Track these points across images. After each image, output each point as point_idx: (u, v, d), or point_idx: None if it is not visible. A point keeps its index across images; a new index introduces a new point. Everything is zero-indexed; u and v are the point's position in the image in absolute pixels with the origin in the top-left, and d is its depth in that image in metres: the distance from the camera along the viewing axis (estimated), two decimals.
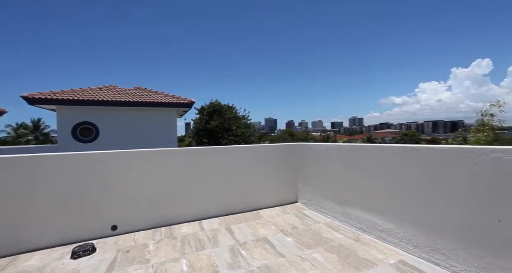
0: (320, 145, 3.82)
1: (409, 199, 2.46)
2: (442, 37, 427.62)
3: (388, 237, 2.67)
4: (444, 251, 2.16)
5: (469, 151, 1.99)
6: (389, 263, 2.30)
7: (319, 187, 3.82)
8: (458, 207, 2.06)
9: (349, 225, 3.20)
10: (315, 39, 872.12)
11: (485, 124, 9.63)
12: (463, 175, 2.02)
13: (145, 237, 3.03)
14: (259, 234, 3.07)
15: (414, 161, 2.42)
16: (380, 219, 2.78)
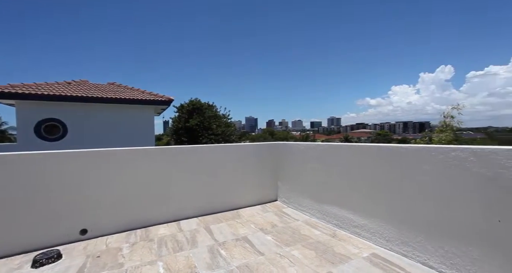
0: (299, 144, 3.89)
1: (381, 195, 2.60)
2: (411, 41, 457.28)
3: (362, 232, 2.80)
4: (411, 243, 2.31)
5: (434, 150, 2.14)
6: (363, 257, 2.42)
7: (298, 185, 3.89)
8: (425, 202, 2.21)
9: (326, 222, 3.30)
10: (294, 40, 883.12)
11: (447, 125, 10.55)
12: (429, 172, 2.17)
13: (119, 241, 2.88)
14: (239, 233, 3.06)
15: (386, 160, 2.55)
16: (355, 215, 2.90)
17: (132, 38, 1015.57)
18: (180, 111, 15.26)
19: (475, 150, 1.88)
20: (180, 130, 14.64)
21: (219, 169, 3.90)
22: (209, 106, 15.70)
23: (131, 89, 10.93)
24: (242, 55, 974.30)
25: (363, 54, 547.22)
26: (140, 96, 9.87)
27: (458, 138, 11.13)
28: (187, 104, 15.27)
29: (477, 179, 1.87)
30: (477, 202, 1.87)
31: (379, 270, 2.17)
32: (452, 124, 10.52)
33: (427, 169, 2.19)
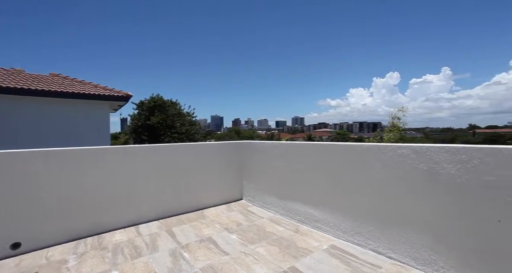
0: (264, 143, 3.96)
1: (339, 190, 2.79)
2: (368, 44, 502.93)
3: (323, 226, 2.97)
4: (364, 233, 2.53)
5: (383, 148, 2.37)
6: (323, 249, 2.57)
7: (263, 183, 3.96)
8: (376, 195, 2.44)
9: (290, 218, 3.42)
10: (259, 40, 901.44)
11: (394, 126, 11.92)
12: (380, 168, 2.40)
13: (64, 252, 2.58)
14: (203, 234, 2.99)
15: (343, 157, 2.74)
16: (316, 210, 3.06)
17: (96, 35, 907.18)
18: (140, 108, 14.27)
19: (415, 147, 2.14)
20: (140, 128, 13.69)
21: (182, 169, 3.75)
22: (172, 103, 14.99)
23: (80, 82, 9.80)
24: (208, 54, 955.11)
25: (326, 56, 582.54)
26: (91, 90, 8.93)
27: (403, 137, 12.66)
28: (147, 101, 14.34)
29: (417, 173, 2.12)
30: (416, 193, 2.13)
31: (337, 260, 2.33)
32: (398, 125, 11.95)
33: (378, 165, 2.41)
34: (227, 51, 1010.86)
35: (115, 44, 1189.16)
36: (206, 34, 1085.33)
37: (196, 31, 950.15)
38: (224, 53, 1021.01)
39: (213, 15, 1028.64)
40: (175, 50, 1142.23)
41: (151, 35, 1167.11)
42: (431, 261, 2.04)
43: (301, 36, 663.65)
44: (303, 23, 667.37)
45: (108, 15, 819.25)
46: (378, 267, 2.19)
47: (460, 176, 1.88)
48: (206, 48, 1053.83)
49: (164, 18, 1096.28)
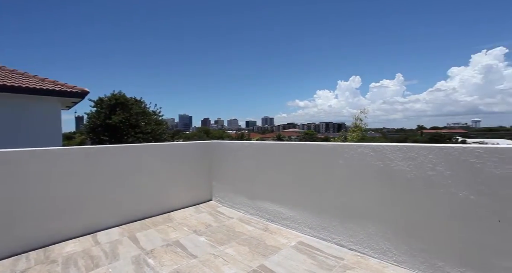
0: (233, 143, 3.94)
1: (307, 188, 2.90)
2: (333, 48, 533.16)
3: (291, 224, 3.06)
4: (329, 228, 2.68)
5: (346, 147, 2.53)
6: (291, 246, 2.64)
7: (232, 183, 3.94)
8: (340, 191, 2.59)
9: (259, 217, 3.46)
10: (232, 40, 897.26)
11: (357, 126, 12.90)
12: (343, 166, 2.55)
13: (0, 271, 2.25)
14: (170, 238, 2.87)
15: (310, 156, 2.86)
16: (284, 208, 3.14)
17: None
18: (98, 106, 13.09)
19: (373, 146, 2.33)
20: (99, 128, 12.58)
21: (148, 170, 3.55)
22: (136, 101, 14.05)
23: (23, 74, 8.62)
24: (178, 54, 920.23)
25: (295, 57, 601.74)
26: (38, 84, 7.91)
27: (364, 137, 13.73)
28: (108, 98, 13.22)
29: (374, 170, 2.31)
30: (373, 188, 2.32)
31: (304, 255, 2.43)
32: (360, 126, 12.98)
33: (341, 163, 2.56)
34: (197, 49, 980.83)
35: (83, 45, 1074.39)
36: (180, 33, 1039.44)
37: (166, 29, 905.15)
38: (194, 52, 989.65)
39: (187, 14, 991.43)
40: (139, 50, 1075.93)
41: (113, 34, 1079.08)
42: (386, 250, 2.24)
43: (270, 38, 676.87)
44: (271, 26, 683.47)
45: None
46: (341, 259, 2.34)
47: (410, 172, 2.09)
48: (176, 47, 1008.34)
49: (118, 15, 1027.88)
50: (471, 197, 1.80)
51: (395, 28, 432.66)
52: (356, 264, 2.24)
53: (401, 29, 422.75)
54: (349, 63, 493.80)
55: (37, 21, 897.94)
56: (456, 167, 1.86)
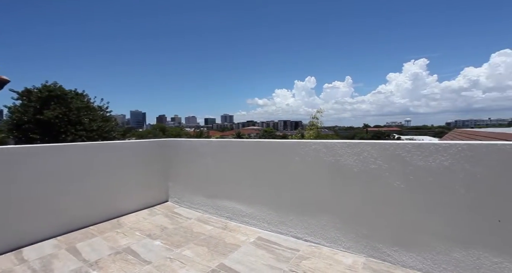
0: (191, 141, 3.80)
1: (265, 184, 2.97)
2: (290, 48, 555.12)
3: (250, 220, 3.11)
4: (286, 222, 2.80)
5: (302, 144, 2.67)
6: (250, 242, 2.68)
7: (191, 183, 3.80)
8: (295, 186, 2.72)
9: (218, 216, 3.42)
10: (193, 40, 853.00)
11: (313, 125, 13.79)
12: (299, 162, 2.69)
13: None
14: (120, 245, 2.63)
15: (268, 153, 2.94)
16: (243, 205, 3.17)
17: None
18: (26, 99, 11.08)
19: (325, 143, 2.51)
20: (27, 124, 10.69)
21: (93, 172, 3.17)
22: (77, 94, 12.35)
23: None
24: (129, 46, 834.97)
25: (255, 56, 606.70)
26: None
27: (319, 135, 14.73)
28: (38, 90, 11.26)
29: (327, 165, 2.49)
30: (325, 182, 2.51)
31: (263, 250, 2.49)
32: (316, 124, 13.92)
33: (297, 159, 2.70)
34: (151, 43, 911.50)
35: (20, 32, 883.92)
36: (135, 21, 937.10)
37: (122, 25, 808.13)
38: (148, 45, 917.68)
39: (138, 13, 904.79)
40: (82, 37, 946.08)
41: (55, 19, 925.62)
42: (336, 239, 2.45)
43: (233, 38, 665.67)
44: (230, 28, 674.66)
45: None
46: (297, 250, 2.47)
47: (356, 166, 2.32)
48: (128, 39, 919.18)
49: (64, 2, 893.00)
50: (402, 186, 2.09)
51: (344, 32, 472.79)
52: (310, 254, 2.40)
53: (349, 33, 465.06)
54: (305, 64, 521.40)
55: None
56: (391, 161, 2.14)
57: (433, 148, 1.97)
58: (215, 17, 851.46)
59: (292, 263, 2.24)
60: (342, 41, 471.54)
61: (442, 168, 1.92)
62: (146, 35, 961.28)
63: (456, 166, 1.87)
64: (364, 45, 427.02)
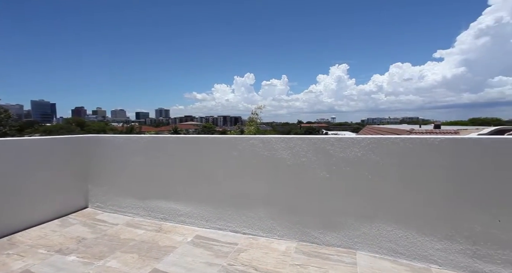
0: (117, 137, 3.34)
1: (202, 181, 2.88)
2: (230, 43, 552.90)
3: (187, 219, 2.97)
4: (225, 218, 2.80)
5: (239, 139, 2.70)
6: (187, 242, 2.57)
7: (118, 185, 3.35)
8: (234, 182, 2.74)
9: (152, 218, 3.14)
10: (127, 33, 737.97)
11: (252, 121, 14.19)
12: (237, 157, 2.71)
13: None
14: (13, 270, 2.09)
15: (206, 149, 2.86)
16: (180, 204, 3.00)
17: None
18: None
19: (262, 138, 2.61)
20: None
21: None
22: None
23: None
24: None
25: (193, 49, 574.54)
26: None
27: (259, 130, 15.26)
28: None
29: (263, 159, 2.60)
30: (262, 175, 2.62)
31: (200, 249, 2.42)
32: (256, 119, 14.36)
33: (235, 154, 2.71)
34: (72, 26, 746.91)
35: None
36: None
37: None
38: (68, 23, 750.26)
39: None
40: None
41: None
42: (272, 228, 2.60)
43: (171, 32, 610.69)
44: (167, 22, 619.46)
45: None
46: (235, 244, 2.50)
47: (289, 159, 2.50)
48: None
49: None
50: (327, 176, 2.37)
51: (280, 32, 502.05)
52: (248, 246, 2.47)
53: (285, 32, 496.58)
54: (244, 60, 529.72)
55: None
56: (318, 153, 2.39)
57: (350, 141, 2.29)
58: (154, 8, 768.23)
59: (231, 257, 2.26)
60: (278, 41, 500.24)
61: (356, 158, 2.26)
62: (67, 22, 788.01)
63: (365, 156, 2.23)
64: (298, 46, 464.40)
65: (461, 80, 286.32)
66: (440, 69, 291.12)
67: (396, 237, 2.16)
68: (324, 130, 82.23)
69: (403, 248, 2.14)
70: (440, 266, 2.03)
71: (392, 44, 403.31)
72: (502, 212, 1.86)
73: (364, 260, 2.16)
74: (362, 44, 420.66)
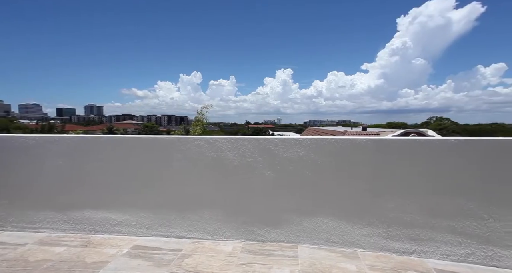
0: (29, 138, 2.74)
1: (143, 185, 2.63)
2: (178, 40, 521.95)
3: (123, 229, 2.66)
4: (167, 223, 2.61)
5: (184, 140, 2.57)
6: (122, 254, 2.30)
7: (28, 195, 2.75)
8: (178, 184, 2.59)
9: (77, 231, 2.69)
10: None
11: (199, 121, 13.72)
12: (181, 158, 2.57)
13: None
14: None
15: (146, 150, 2.62)
16: (114, 213, 2.66)
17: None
18: None
19: (207, 139, 2.54)
20: None
21: None
22: None
23: None
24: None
25: (135, 42, 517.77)
26: None
27: (206, 131, 14.83)
28: None
29: (209, 160, 2.53)
30: (207, 176, 2.55)
31: (139, 260, 2.20)
32: (202, 120, 13.90)
33: (180, 156, 2.57)
34: None
35: None
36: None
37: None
38: None
39: None
40: None
41: None
42: (218, 230, 2.56)
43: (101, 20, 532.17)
44: (100, 10, 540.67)
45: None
46: (179, 250, 2.37)
47: (236, 159, 2.50)
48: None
49: None
50: (272, 175, 2.47)
51: (229, 29, 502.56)
52: (193, 251, 2.37)
53: (235, 33, 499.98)
54: (191, 58, 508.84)
55: None
56: (264, 153, 2.47)
57: (293, 142, 2.44)
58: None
59: (174, 265, 2.13)
60: (226, 41, 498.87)
61: (298, 158, 2.42)
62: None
63: (307, 155, 2.42)
64: (245, 48, 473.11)
65: (380, 90, 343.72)
66: (366, 80, 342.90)
67: (331, 228, 2.41)
68: (270, 131, 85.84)
69: (337, 237, 2.40)
70: (364, 249, 2.35)
71: (331, 53, 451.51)
72: (406, 199, 2.27)
73: (304, 252, 2.33)
74: (305, 51, 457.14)
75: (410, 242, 2.27)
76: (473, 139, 2.21)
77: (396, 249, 2.29)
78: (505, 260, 2.11)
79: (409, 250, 2.27)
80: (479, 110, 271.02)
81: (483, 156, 2.16)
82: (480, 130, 59.34)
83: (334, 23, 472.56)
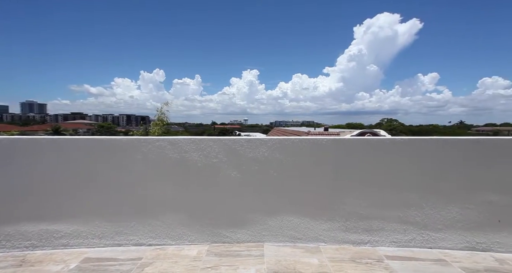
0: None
1: (97, 191, 2.39)
2: (137, 36, 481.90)
3: (71, 241, 2.37)
4: (125, 231, 2.40)
5: (143, 140, 2.40)
6: (69, 269, 2.05)
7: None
8: (138, 188, 2.41)
9: (8, 248, 2.31)
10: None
11: (160, 120, 13.01)
12: (141, 160, 2.40)
13: None
14: None
15: (99, 152, 2.39)
16: (59, 224, 2.36)
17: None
18: None
19: (170, 140, 2.42)
20: None
21: None
22: None
23: None
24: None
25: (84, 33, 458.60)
26: None
27: (169, 131, 14.09)
28: None
29: (172, 162, 2.41)
30: (172, 179, 2.43)
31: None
32: (163, 119, 13.17)
33: (139, 158, 2.39)
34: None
35: None
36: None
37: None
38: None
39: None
40: None
41: None
42: (182, 234, 2.45)
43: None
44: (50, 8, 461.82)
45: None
46: (139, 259, 2.20)
47: (200, 160, 2.43)
48: None
49: None
50: (238, 175, 2.46)
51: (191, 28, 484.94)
52: (154, 258, 2.23)
53: (195, 31, 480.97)
54: (153, 54, 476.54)
55: None
56: (229, 154, 2.44)
57: (258, 142, 2.46)
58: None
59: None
60: (191, 39, 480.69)
61: (264, 158, 2.45)
62: None
63: (272, 155, 2.46)
64: (212, 48, 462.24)
65: (340, 92, 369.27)
66: (328, 83, 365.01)
67: (295, 225, 2.49)
68: (237, 131, 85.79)
69: (300, 234, 2.49)
70: (325, 243, 2.48)
71: (295, 55, 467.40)
72: (362, 194, 2.47)
73: (270, 251, 2.37)
74: (271, 52, 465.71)
75: (365, 233, 2.47)
76: (416, 138, 2.50)
77: (353, 240, 2.47)
78: (438, 242, 2.43)
79: (364, 240, 2.47)
80: (420, 113, 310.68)
81: (423, 153, 2.46)
82: (421, 131, 68.22)
83: (298, 26, 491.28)
